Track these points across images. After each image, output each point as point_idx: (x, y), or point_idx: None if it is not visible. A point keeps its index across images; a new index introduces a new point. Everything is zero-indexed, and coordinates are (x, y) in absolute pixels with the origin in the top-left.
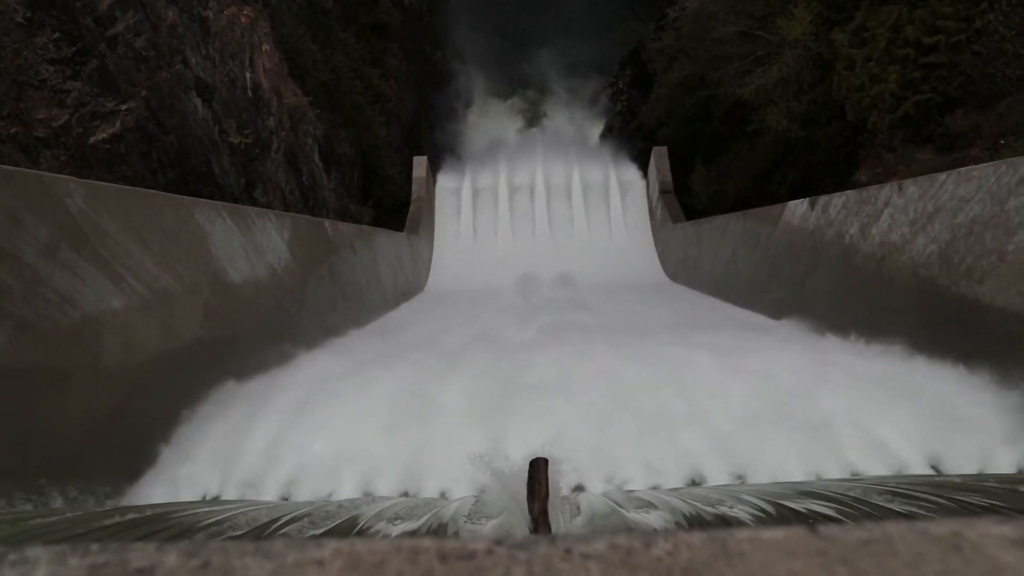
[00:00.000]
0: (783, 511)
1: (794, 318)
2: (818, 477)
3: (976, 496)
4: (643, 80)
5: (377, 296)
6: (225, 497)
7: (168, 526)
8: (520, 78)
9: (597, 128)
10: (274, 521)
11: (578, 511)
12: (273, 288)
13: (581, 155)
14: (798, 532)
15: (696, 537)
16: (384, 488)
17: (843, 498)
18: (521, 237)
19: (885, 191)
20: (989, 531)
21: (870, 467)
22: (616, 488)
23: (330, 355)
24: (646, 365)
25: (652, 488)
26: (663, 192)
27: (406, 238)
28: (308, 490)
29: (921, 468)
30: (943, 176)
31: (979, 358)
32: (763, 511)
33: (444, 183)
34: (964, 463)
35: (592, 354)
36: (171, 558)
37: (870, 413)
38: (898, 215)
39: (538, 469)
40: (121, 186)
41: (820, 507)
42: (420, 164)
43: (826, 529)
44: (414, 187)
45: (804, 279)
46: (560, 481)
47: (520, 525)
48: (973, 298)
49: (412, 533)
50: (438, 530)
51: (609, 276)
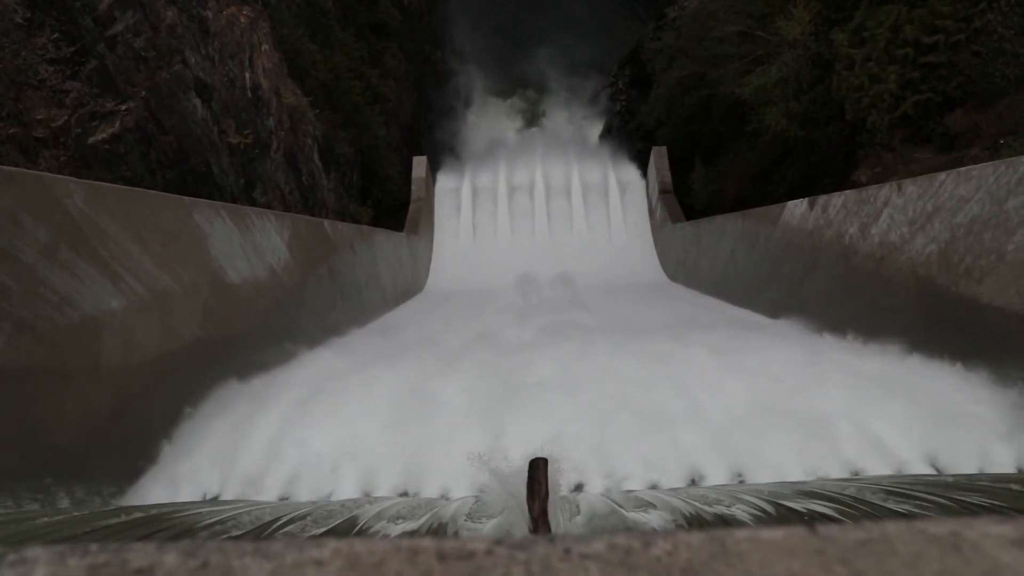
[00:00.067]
0: (782, 511)
1: (792, 317)
2: (815, 474)
3: (976, 495)
4: (642, 80)
5: (376, 296)
6: (226, 493)
7: (169, 526)
8: (520, 78)
9: (596, 128)
10: (275, 521)
11: (578, 511)
12: (273, 288)
13: (580, 155)
14: (797, 532)
15: (695, 537)
16: (384, 485)
17: (842, 498)
18: (520, 237)
19: (884, 191)
20: (988, 531)
21: (867, 463)
22: (615, 487)
23: (330, 354)
24: (645, 364)
25: (651, 487)
26: (662, 192)
27: (405, 238)
28: (309, 486)
29: (918, 463)
30: (942, 176)
31: (977, 357)
32: (762, 511)
33: (443, 183)
34: (961, 459)
35: (591, 353)
36: (170, 558)
37: (867, 410)
38: (897, 215)
39: (537, 469)
40: (120, 186)
41: (819, 507)
42: (419, 164)
43: (825, 529)
44: (413, 187)
45: (803, 279)
46: (560, 481)
47: (520, 525)
48: (972, 298)
49: (412, 533)
50: (438, 530)
51: (608, 276)
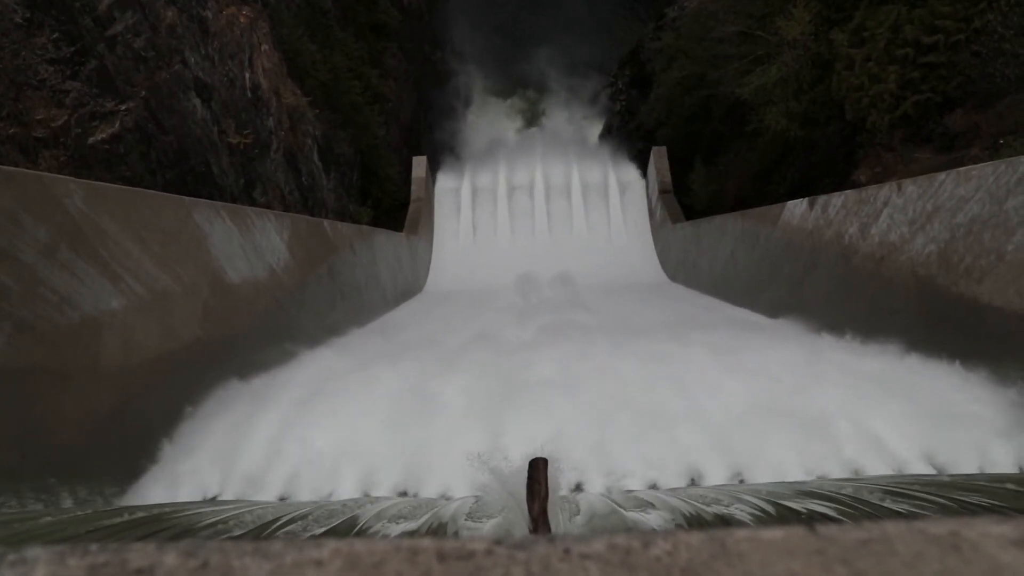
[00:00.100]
0: (782, 511)
1: (792, 317)
2: (815, 473)
3: (975, 495)
4: (642, 80)
5: (376, 296)
6: (227, 493)
7: (169, 526)
8: (519, 77)
9: (596, 128)
10: (275, 520)
11: (577, 511)
12: (272, 288)
13: (580, 155)
14: (797, 532)
15: (695, 537)
16: (385, 484)
17: (841, 497)
18: (520, 237)
19: (884, 191)
20: (988, 531)
21: (867, 462)
22: (615, 487)
23: (331, 354)
24: (645, 364)
25: (651, 487)
26: (662, 192)
27: (405, 238)
28: (309, 486)
29: (918, 463)
30: (942, 176)
31: (976, 356)
32: (762, 511)
33: (443, 183)
34: (961, 458)
35: (591, 353)
36: (170, 558)
37: (867, 410)
38: (897, 215)
39: (537, 469)
40: (120, 186)
41: (819, 506)
42: (419, 164)
43: (825, 529)
44: (413, 187)
45: (803, 279)
46: (559, 481)
47: (519, 525)
48: (972, 297)
49: (412, 533)
50: (438, 530)
51: (608, 276)
